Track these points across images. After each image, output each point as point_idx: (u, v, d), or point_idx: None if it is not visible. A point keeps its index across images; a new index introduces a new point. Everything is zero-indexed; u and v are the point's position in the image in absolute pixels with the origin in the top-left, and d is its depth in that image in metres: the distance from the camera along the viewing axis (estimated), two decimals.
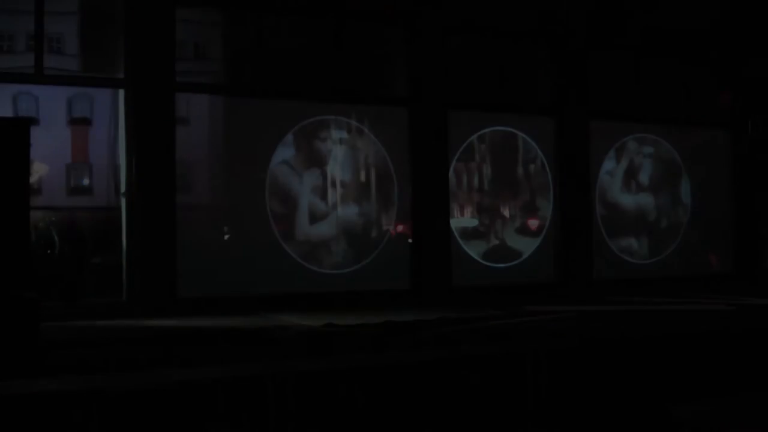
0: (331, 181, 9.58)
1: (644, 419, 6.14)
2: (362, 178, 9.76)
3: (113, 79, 8.84)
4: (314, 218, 9.45)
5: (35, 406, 4.88)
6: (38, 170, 9.07)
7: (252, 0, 9.20)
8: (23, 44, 8.96)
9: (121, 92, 8.71)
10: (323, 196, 9.54)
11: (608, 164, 11.32)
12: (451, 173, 10.03)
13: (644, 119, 11.60)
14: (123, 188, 8.49)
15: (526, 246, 10.64)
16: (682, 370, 6.51)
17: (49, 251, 9.32)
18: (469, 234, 10.25)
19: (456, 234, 10.08)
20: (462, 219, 10.23)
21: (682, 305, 8.94)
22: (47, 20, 8.32)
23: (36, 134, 6.19)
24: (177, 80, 8.58)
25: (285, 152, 9.32)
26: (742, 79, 12.17)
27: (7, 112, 9.19)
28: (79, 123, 11.27)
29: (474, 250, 10.22)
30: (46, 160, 10.18)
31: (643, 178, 11.60)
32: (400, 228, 9.76)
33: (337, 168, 9.61)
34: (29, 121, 5.33)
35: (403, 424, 5.81)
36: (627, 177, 11.49)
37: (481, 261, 10.19)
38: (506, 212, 10.54)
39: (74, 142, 10.52)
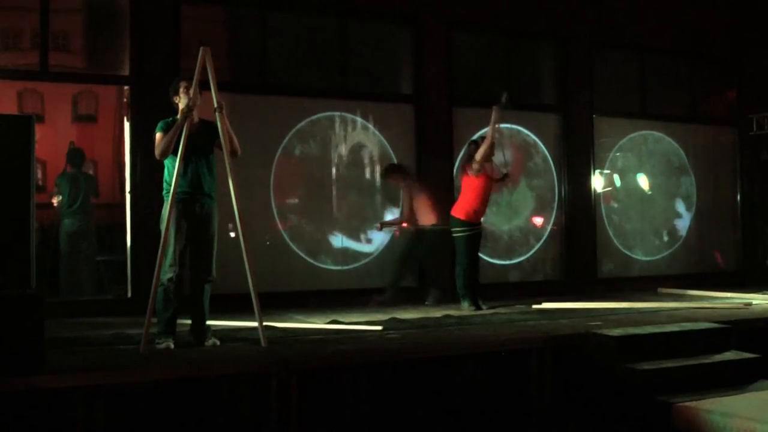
0: (335, 177, 9.57)
1: None
2: (367, 174, 9.76)
3: (118, 77, 8.85)
4: (319, 214, 9.44)
5: (39, 403, 4.90)
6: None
7: None
8: (28, 41, 8.99)
9: (126, 89, 8.72)
10: (328, 193, 9.54)
11: (613, 161, 11.30)
12: (455, 170, 10.01)
13: (649, 116, 11.57)
14: (128, 186, 8.48)
15: (531, 243, 10.63)
16: None
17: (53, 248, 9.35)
18: None
19: None
20: None
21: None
22: (52, 18, 8.31)
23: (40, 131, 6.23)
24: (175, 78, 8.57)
25: (290, 149, 9.32)
26: (747, 76, 12.13)
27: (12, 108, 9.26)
28: (84, 120, 11.33)
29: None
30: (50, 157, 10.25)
31: (648, 175, 11.57)
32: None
33: (341, 165, 9.61)
34: (33, 118, 5.30)
35: None
36: (632, 174, 11.47)
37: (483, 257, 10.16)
38: (511, 209, 10.52)
39: (79, 138, 10.57)
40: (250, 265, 6.11)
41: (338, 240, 9.50)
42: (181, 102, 6.22)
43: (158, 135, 6.14)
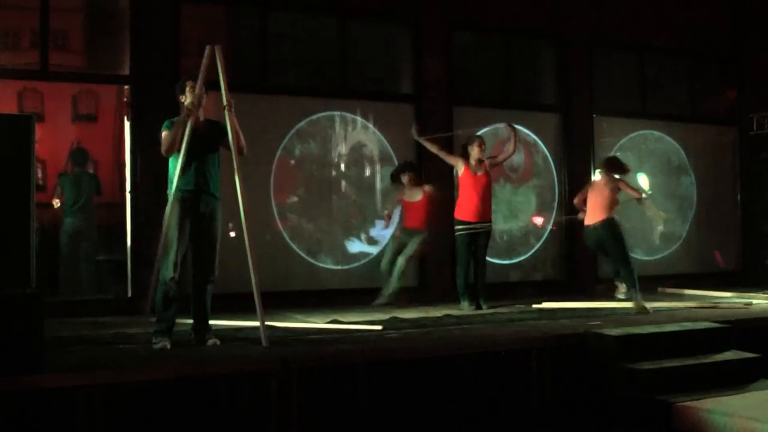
0: (335, 177, 9.57)
1: None
2: (367, 174, 9.75)
3: (118, 76, 8.84)
4: (319, 214, 9.44)
5: (39, 403, 4.90)
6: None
7: None
8: (28, 41, 8.98)
9: (126, 89, 8.72)
10: (327, 192, 9.53)
11: None
12: (455, 170, 9.99)
13: (649, 116, 11.57)
14: (128, 185, 8.48)
15: (531, 243, 10.63)
16: None
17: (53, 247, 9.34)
18: None
19: None
20: None
21: None
22: (52, 17, 8.30)
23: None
24: (182, 77, 8.56)
25: (290, 148, 9.32)
26: (747, 75, 12.13)
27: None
28: (84, 119, 11.31)
29: None
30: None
31: (648, 174, 11.56)
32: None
33: (341, 164, 9.61)
34: (33, 118, 5.29)
35: None
36: (632, 174, 11.44)
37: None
38: (511, 209, 10.51)
39: (79, 138, 10.56)
40: (254, 265, 6.09)
41: (338, 239, 9.49)
42: (187, 100, 6.23)
43: (164, 133, 6.14)
